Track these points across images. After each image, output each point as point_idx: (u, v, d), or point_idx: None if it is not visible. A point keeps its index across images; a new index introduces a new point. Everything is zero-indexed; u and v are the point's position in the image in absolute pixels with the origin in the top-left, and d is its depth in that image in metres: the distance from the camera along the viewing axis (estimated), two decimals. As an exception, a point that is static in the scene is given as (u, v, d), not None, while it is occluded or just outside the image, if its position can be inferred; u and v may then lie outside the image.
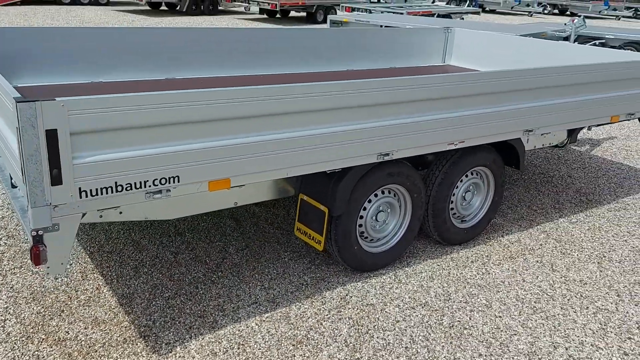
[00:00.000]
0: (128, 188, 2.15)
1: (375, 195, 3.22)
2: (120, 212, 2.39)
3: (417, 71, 5.26)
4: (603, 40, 11.58)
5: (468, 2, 27.34)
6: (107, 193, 2.11)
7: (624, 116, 4.24)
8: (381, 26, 11.54)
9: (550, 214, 4.32)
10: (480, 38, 5.66)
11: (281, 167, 2.57)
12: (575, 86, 3.72)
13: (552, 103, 3.62)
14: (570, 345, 2.79)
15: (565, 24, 11.40)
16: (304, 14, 18.57)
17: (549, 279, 3.39)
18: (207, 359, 2.53)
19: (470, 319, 2.95)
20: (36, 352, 2.51)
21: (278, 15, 19.33)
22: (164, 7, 19.52)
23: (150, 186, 2.21)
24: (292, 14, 19.95)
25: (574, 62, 4.93)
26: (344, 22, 12.23)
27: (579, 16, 11.30)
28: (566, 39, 11.51)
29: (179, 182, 2.28)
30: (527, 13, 28.94)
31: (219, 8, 19.45)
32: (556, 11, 30.58)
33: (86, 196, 2.09)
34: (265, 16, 19.26)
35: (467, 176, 3.63)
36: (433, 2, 25.78)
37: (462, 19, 19.75)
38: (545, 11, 30.26)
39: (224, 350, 2.60)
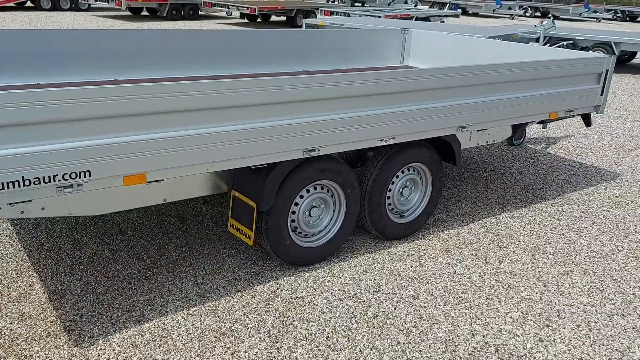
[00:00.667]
0: (36, 182, 2.21)
1: (308, 191, 3.29)
2: (43, 208, 2.45)
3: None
4: (571, 41, 11.77)
5: (448, 5, 27.61)
6: (14, 187, 2.17)
7: (563, 113, 4.35)
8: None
9: (494, 210, 4.41)
10: (437, 39, 5.78)
11: (201, 162, 2.64)
12: (509, 83, 3.83)
13: (484, 100, 3.72)
14: (488, 333, 2.87)
15: (535, 25, 11.59)
16: (284, 18, 18.69)
17: (480, 270, 3.48)
18: (128, 351, 2.59)
19: (395, 309, 3.03)
20: (-41, 347, 2.56)
21: (259, 20, 19.43)
22: (145, 13, 19.56)
23: (59, 180, 2.27)
24: (274, 18, 20.06)
25: (517, 59, 5.05)
26: (319, 26, 12.37)
27: (550, 18, 11.48)
28: (537, 40, 11.69)
29: (90, 176, 2.34)
30: (508, 16, 29.26)
31: (200, 13, 19.51)
32: (538, 14, 30.94)
33: (-6, 190, 2.15)
34: (246, 20, 19.35)
35: (403, 172, 3.72)
36: (415, 5, 26.01)
37: (443, 22, 19.97)
38: (527, 14, 30.61)
39: (146, 342, 2.66)
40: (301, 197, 3.27)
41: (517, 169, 5.41)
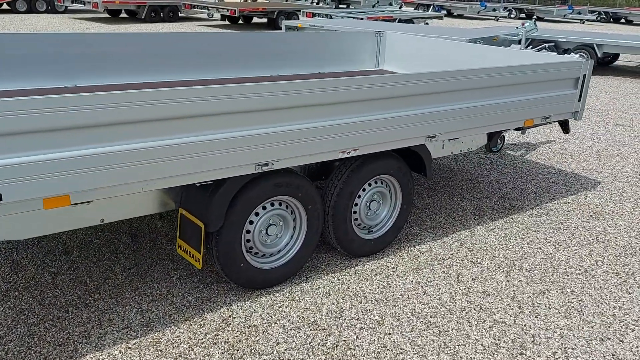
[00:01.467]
0: None
1: (264, 208, 3.04)
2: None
3: (347, 76, 5.12)
4: (553, 43, 11.65)
5: (432, 7, 27.53)
6: None
7: (540, 120, 4.15)
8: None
9: (469, 222, 4.19)
10: (412, 42, 5.56)
11: (132, 181, 2.38)
12: (481, 90, 3.61)
13: (455, 108, 3.50)
14: (456, 364, 2.64)
15: (517, 27, 11.45)
16: (265, 20, 18.44)
17: (451, 290, 3.25)
18: (53, 394, 2.32)
19: (357, 337, 2.78)
20: None
21: (240, 22, 19.15)
22: (124, 15, 19.19)
23: (-36, 206, 2.00)
24: (255, 20, 19.79)
25: (499, 64, 4.84)
26: (299, 28, 12.13)
27: (532, 19, 11.35)
28: (519, 42, 11.56)
29: (1, 200, 2.07)
30: (493, 18, 29.27)
31: (180, 15, 19.19)
32: (523, 15, 30.99)
33: None
34: (227, 22, 19.06)
35: (370, 185, 3.48)
36: (400, 7, 25.89)
37: (427, 23, 19.82)
38: (512, 15, 30.65)
39: (75, 382, 2.39)
40: (257, 214, 3.02)
41: (494, 177, 5.21)
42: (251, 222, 3.01)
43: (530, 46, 12.29)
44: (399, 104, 3.21)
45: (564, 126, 4.59)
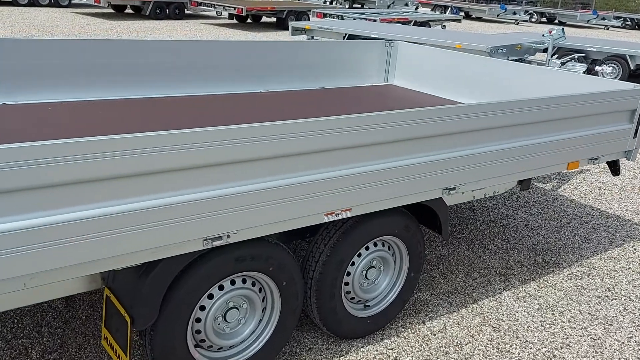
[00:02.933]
0: None
1: (221, 289, 2.25)
2: None
3: (350, 93, 4.31)
4: (583, 54, 10.73)
5: (450, 9, 26.55)
6: None
7: (586, 162, 3.31)
8: (346, 35, 10.63)
9: (493, 285, 3.37)
10: (427, 54, 4.74)
11: (15, 275, 1.61)
12: (516, 127, 2.79)
13: (483, 151, 2.68)
14: None
15: (543, 35, 10.53)
16: (274, 19, 17.67)
17: (471, 399, 2.44)
18: None
19: None
20: None
21: (249, 21, 18.39)
22: (129, 10, 18.52)
23: None
24: (264, 19, 19.02)
25: (530, 88, 4.01)
26: (306, 30, 11.34)
27: (560, 27, 10.45)
28: (544, 51, 10.65)
29: None
30: (513, 21, 28.21)
31: (187, 12, 18.47)
32: (544, 19, 29.88)
33: None
34: (235, 21, 18.30)
35: (367, 249, 2.68)
36: (416, 8, 24.97)
37: (444, 27, 18.91)
38: (533, 19, 29.55)
39: None
40: (210, 297, 2.23)
41: (522, 219, 4.37)
42: (202, 308, 2.22)
43: (556, 55, 11.38)
44: (409, 149, 2.40)
45: (614, 167, 3.75)
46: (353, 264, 2.65)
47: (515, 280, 3.45)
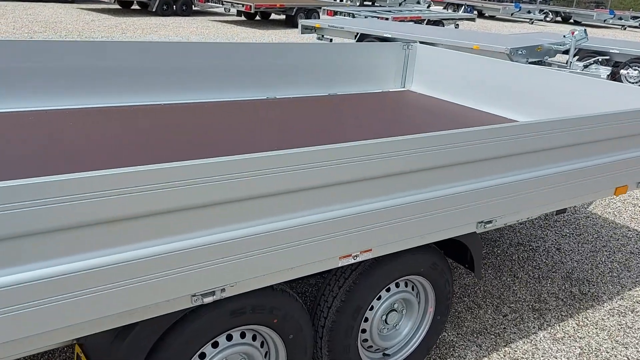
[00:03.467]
0: None
1: (215, 346, 1.88)
2: None
3: (365, 100, 3.93)
4: (607, 57, 10.26)
5: (463, 7, 26.02)
6: None
7: (635, 185, 2.91)
8: (357, 34, 10.24)
9: (527, 323, 2.98)
10: (447, 57, 4.35)
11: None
12: (571, 148, 2.40)
13: (529, 177, 2.29)
14: None
15: (564, 36, 10.06)
16: (284, 17, 17.29)
17: None
18: None
19: None
20: None
21: (258, 18, 18.01)
22: (135, 7, 18.20)
23: None
24: (273, 16, 18.63)
25: (563, 98, 3.60)
26: (316, 28, 10.95)
27: (580, 27, 9.98)
28: (565, 53, 10.20)
29: None
30: (527, 20, 27.63)
31: (194, 9, 18.12)
32: (559, 19, 29.26)
33: None
34: (243, 18, 17.93)
35: (388, 290, 2.30)
36: (428, 6, 24.49)
37: (457, 26, 18.44)
38: (547, 18, 28.93)
39: None
40: (202, 356, 1.87)
41: (553, 241, 3.97)
42: (192, 369, 1.85)
43: (576, 57, 10.91)
44: (447, 177, 2.02)
45: None
46: (372, 308, 2.27)
47: (551, 317, 3.06)
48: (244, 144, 2.71)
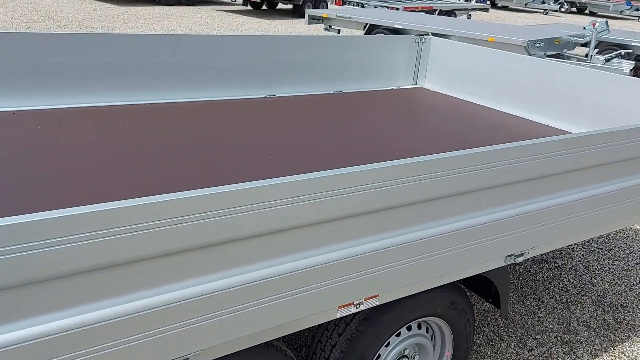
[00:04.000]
0: None
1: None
2: None
3: (373, 98, 3.54)
4: (630, 50, 9.76)
5: (476, -3, 25.36)
6: None
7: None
8: (367, 25, 9.80)
9: (555, 357, 2.61)
10: (463, 52, 3.94)
11: None
12: (625, 163, 2.01)
13: (571, 200, 1.90)
14: None
15: (584, 27, 9.56)
16: (291, 6, 16.83)
17: None
18: None
19: None
20: None
21: (264, 7, 17.56)
22: (141, -5, 17.80)
23: None
24: (280, 6, 18.18)
25: (594, 99, 3.20)
26: (324, 18, 10.52)
27: (602, 19, 9.48)
28: (584, 45, 9.71)
29: None
30: (542, 11, 26.93)
31: (200, -2, 17.71)
32: (574, 9, 28.51)
33: None
34: (249, 8, 17.49)
35: (398, 335, 1.94)
36: (440, -4, 23.85)
37: (470, 16, 17.89)
38: (562, 9, 28.19)
39: None
40: None
41: (580, 258, 3.58)
42: None
43: (596, 50, 10.40)
44: (474, 204, 1.64)
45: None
46: (378, 356, 1.91)
47: (583, 351, 2.68)
48: (234, 150, 2.34)
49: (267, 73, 3.50)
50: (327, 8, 16.53)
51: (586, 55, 9.50)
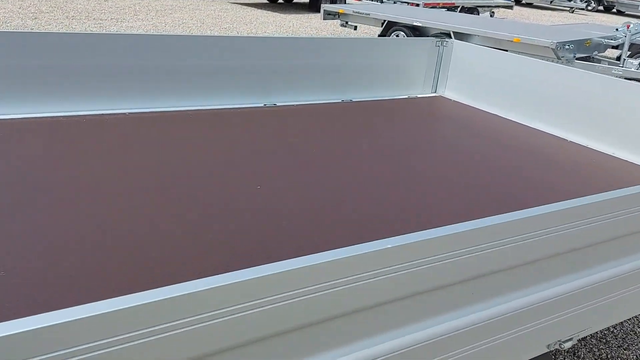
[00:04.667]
0: None
1: None
2: None
3: (387, 108, 3.10)
4: (666, 53, 9.14)
5: (500, -7, 24.58)
6: None
7: None
8: (384, 22, 9.32)
9: None
10: (489, 58, 3.49)
11: None
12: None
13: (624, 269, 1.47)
14: None
15: (617, 29, 8.97)
16: (308, 0, 16.37)
17: None
18: None
19: None
20: None
21: (280, 1, 17.13)
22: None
23: None
24: (296, 0, 17.73)
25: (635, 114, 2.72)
26: (340, 14, 10.07)
27: (637, 20, 8.87)
28: (615, 48, 9.12)
29: None
30: (568, 9, 26.07)
31: (215, -11, 17.30)
32: (601, 8, 27.56)
33: None
34: (265, 1, 17.07)
35: None
36: (462, -8, 23.16)
37: (493, 14, 17.26)
38: (589, 7, 27.27)
39: None
40: None
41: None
42: None
43: (629, 53, 9.79)
44: (520, 281, 1.21)
45: None
46: None
47: None
48: (218, 174, 1.94)
49: (266, 78, 3.09)
50: (345, 3, 16.04)
51: (618, 59, 8.92)
